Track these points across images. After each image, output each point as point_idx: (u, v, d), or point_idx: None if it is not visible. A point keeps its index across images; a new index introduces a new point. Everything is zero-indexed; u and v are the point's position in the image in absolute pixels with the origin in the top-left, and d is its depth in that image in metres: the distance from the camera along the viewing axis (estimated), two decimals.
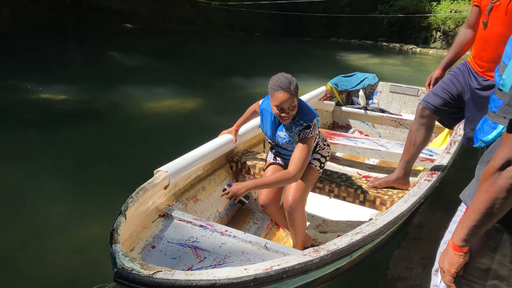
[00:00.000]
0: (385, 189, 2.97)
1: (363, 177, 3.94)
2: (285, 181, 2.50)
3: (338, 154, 4.32)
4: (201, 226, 2.41)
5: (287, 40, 17.26)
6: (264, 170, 3.08)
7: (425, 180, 2.83)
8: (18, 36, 12.85)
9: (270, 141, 2.87)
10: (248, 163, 3.31)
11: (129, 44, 13.59)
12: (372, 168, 4.14)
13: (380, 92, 5.40)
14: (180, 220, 2.47)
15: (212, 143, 3.18)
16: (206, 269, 2.03)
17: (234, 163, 3.39)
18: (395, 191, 2.96)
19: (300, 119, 2.60)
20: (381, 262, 3.09)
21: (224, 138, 3.28)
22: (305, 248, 2.98)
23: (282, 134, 2.70)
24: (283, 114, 2.51)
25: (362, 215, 3.33)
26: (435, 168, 3.06)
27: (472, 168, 1.57)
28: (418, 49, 16.44)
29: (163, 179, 2.57)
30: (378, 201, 2.89)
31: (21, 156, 4.67)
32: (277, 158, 3.00)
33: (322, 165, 2.91)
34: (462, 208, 1.69)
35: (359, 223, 3.14)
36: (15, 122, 5.72)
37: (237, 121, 3.31)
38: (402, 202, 2.50)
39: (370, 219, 2.98)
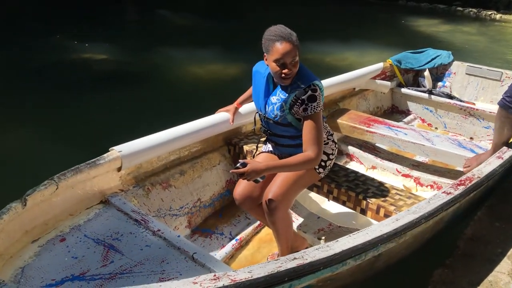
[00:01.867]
0: (397, 197, 2.32)
1: (402, 175, 3.26)
2: (307, 163, 2.10)
3: (379, 145, 3.63)
4: (135, 220, 2.03)
5: (348, 2, 15.44)
6: (253, 157, 2.59)
7: (444, 192, 2.13)
8: None
9: (260, 112, 2.35)
10: (246, 148, 2.83)
11: (180, 2, 12.94)
12: (416, 165, 3.39)
13: (455, 73, 4.47)
14: (119, 210, 2.11)
15: (203, 121, 2.75)
16: (100, 277, 1.66)
17: (232, 147, 2.93)
18: (409, 201, 2.29)
19: (297, 80, 2.12)
20: (415, 284, 2.45)
21: (221, 116, 2.83)
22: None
23: (274, 99, 2.20)
24: (284, 71, 2.04)
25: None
26: (472, 176, 2.32)
27: None
28: (498, 15, 13.99)
29: (111, 160, 2.21)
30: (382, 212, 2.26)
31: (49, 119, 4.62)
32: (268, 145, 2.49)
33: (324, 164, 2.35)
34: None
35: None
36: (48, 83, 5.68)
37: (239, 97, 2.83)
38: (391, 221, 1.86)
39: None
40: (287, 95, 2.14)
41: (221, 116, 2.82)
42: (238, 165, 1.99)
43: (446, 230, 2.58)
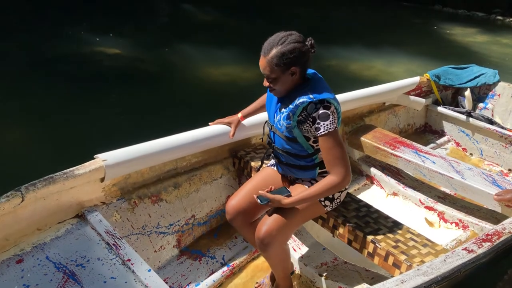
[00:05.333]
0: (410, 244, 2.01)
1: (425, 207, 2.93)
2: (334, 189, 1.89)
3: (404, 170, 3.29)
4: (107, 244, 1.80)
5: (382, 4, 14.53)
6: (257, 171, 2.34)
7: (465, 249, 1.81)
8: None
9: (269, 121, 2.12)
10: (253, 164, 2.56)
11: None
12: (442, 198, 3.04)
13: (499, 95, 4.04)
14: (93, 229, 1.90)
15: (207, 130, 2.51)
16: None
17: (238, 160, 2.67)
18: (424, 250, 1.98)
19: (309, 90, 1.89)
20: None
21: (226, 126, 2.58)
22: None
23: (283, 108, 1.99)
24: (264, 83, 1.95)
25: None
26: (502, 230, 1.98)
27: None
28: None
29: (93, 169, 2.00)
30: (390, 260, 1.96)
31: (49, 114, 4.43)
32: (273, 160, 2.23)
33: (332, 196, 2.08)
34: None
35: (378, 279, 2.23)
36: (57, 76, 5.47)
37: (245, 109, 2.55)
38: (394, 284, 1.57)
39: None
40: (294, 104, 1.90)
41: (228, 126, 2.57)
42: (262, 202, 1.89)
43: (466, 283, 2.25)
